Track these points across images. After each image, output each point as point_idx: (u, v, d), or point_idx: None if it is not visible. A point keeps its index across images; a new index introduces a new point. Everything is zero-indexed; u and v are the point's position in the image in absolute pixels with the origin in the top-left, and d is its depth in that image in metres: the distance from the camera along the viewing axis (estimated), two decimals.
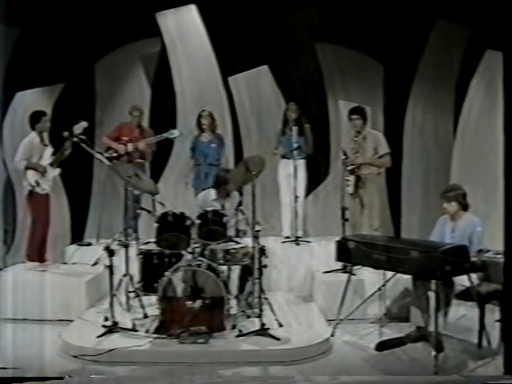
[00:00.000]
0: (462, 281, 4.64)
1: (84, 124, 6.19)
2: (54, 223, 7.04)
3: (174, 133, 6.96)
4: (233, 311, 5.10)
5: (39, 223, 6.25)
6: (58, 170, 6.37)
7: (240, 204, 5.68)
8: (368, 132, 6.35)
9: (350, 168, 6.18)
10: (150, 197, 6.22)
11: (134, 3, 7.14)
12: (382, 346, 4.77)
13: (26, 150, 6.14)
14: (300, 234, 6.78)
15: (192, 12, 7.69)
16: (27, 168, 6.12)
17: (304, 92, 7.62)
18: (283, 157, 6.99)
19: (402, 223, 7.74)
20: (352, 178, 6.19)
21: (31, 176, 6.12)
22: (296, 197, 6.69)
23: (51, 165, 6.26)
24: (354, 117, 6.30)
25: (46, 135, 6.37)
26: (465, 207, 5.02)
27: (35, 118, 6.27)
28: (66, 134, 6.04)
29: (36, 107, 6.63)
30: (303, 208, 6.95)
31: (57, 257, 6.74)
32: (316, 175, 7.47)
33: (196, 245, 5.19)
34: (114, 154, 6.85)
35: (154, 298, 5.01)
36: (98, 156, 6.17)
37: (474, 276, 4.65)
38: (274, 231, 6.99)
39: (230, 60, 7.77)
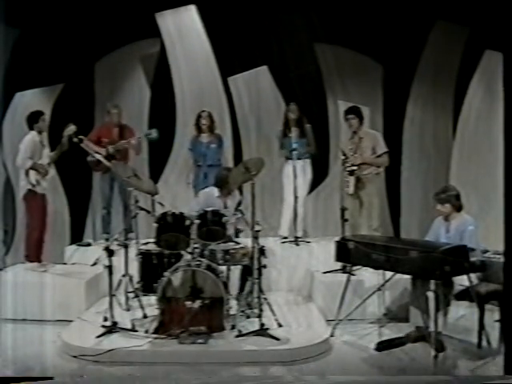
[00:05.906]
0: (461, 281, 4.64)
1: (73, 128, 6.25)
2: (54, 223, 7.04)
3: (152, 133, 6.65)
4: (232, 311, 5.09)
5: (36, 223, 6.24)
6: (53, 170, 6.39)
7: (239, 204, 5.67)
8: (365, 132, 6.35)
9: (349, 169, 6.18)
10: (149, 197, 6.21)
11: (133, 3, 7.14)
12: (382, 346, 4.76)
13: (29, 148, 6.14)
14: (300, 234, 6.77)
15: (191, 12, 7.68)
16: (31, 168, 6.12)
17: (303, 92, 7.63)
18: (287, 158, 6.95)
19: (401, 223, 7.73)
20: (352, 179, 6.19)
21: (33, 175, 6.12)
22: (296, 197, 6.69)
23: (48, 164, 6.27)
24: (349, 117, 6.31)
25: (45, 135, 6.38)
26: (458, 208, 5.01)
27: (33, 118, 6.26)
28: (75, 139, 6.11)
29: (36, 107, 6.62)
30: (303, 208, 6.94)
31: (56, 257, 6.73)
32: (315, 175, 7.46)
33: (195, 245, 5.18)
34: (94, 158, 6.61)
35: (153, 299, 5.01)
36: (98, 156, 6.18)
37: (473, 276, 4.66)
38: (274, 231, 7.00)
39: (230, 60, 7.77)
